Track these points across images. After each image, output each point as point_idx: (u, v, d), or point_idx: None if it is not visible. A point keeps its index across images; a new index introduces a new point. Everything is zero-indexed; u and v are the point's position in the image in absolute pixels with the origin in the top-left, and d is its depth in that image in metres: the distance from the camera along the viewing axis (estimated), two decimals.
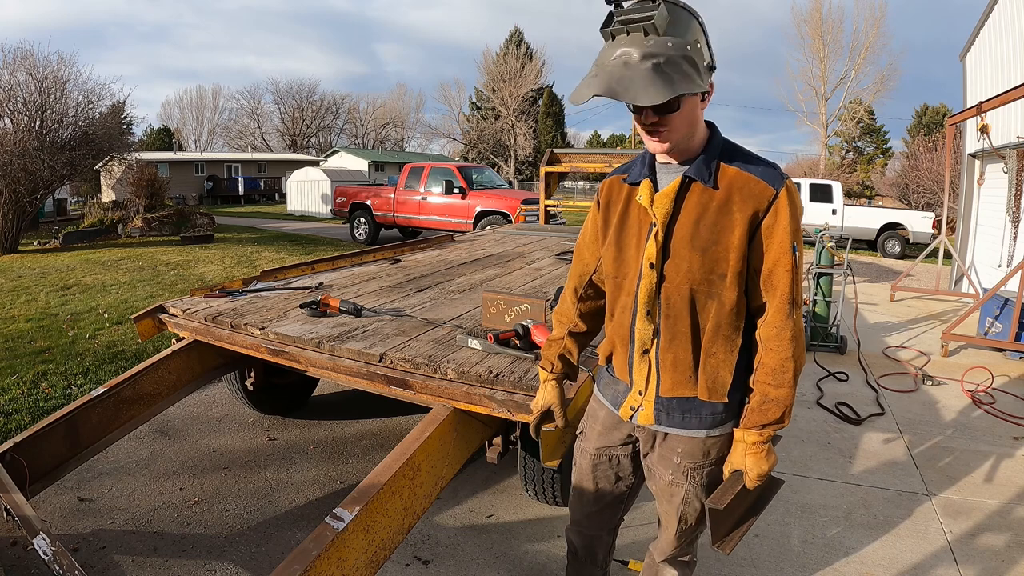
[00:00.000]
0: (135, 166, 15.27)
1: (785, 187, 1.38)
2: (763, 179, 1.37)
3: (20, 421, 3.51)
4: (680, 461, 1.51)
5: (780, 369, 1.41)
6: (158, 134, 47.35)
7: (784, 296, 1.39)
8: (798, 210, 1.40)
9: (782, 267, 1.38)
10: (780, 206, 1.36)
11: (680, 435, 1.50)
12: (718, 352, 1.43)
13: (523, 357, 2.31)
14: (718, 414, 1.48)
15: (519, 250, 5.35)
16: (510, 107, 40.05)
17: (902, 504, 2.95)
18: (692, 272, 1.39)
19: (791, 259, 1.37)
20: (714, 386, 1.44)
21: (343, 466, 3.22)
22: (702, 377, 1.44)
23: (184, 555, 2.44)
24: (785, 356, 1.40)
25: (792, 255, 1.38)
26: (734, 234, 1.36)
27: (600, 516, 1.76)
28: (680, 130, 1.34)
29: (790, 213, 1.37)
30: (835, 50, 35.24)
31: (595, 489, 1.72)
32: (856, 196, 31.30)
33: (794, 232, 1.38)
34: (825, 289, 5.55)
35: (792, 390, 1.43)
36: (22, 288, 7.41)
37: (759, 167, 1.40)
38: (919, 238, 13.48)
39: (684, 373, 1.45)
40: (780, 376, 1.41)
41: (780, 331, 1.40)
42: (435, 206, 12.52)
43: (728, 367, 1.44)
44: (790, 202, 1.37)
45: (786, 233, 1.37)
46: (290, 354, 2.58)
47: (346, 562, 1.65)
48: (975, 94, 8.31)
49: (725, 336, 1.42)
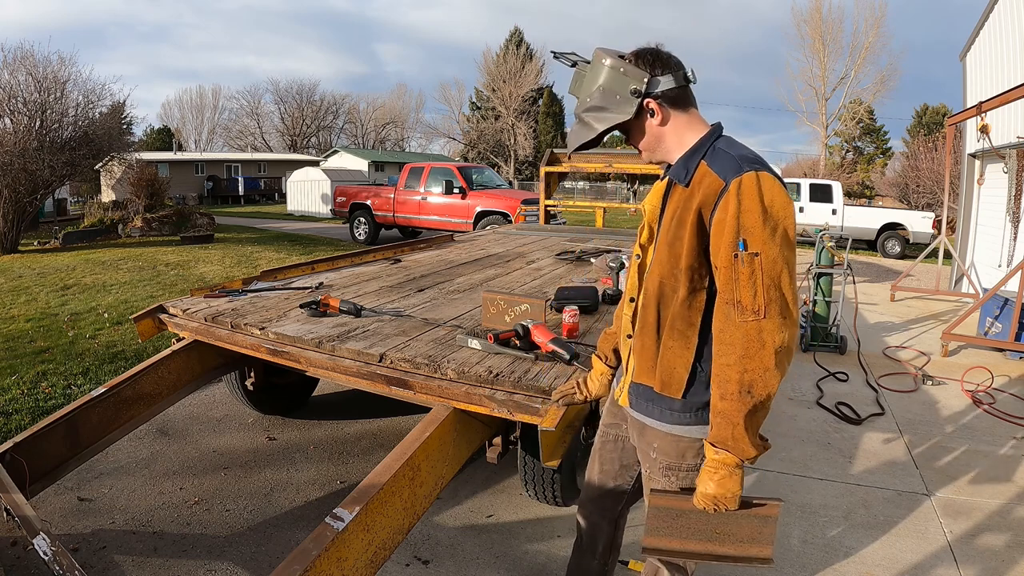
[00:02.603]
0: (135, 166, 15.27)
1: (739, 180, 1.32)
2: (717, 172, 1.36)
3: (20, 421, 3.51)
4: (656, 456, 1.54)
5: (721, 377, 1.34)
6: (158, 134, 47.34)
7: (723, 296, 1.34)
8: (755, 203, 1.30)
9: (723, 264, 1.33)
10: (728, 199, 1.32)
11: (654, 428, 1.53)
12: (674, 346, 1.44)
13: (523, 357, 2.30)
14: (675, 411, 1.47)
15: (519, 250, 5.35)
16: (510, 107, 40.06)
17: (902, 504, 2.95)
18: (662, 265, 1.44)
19: (731, 256, 1.31)
20: (668, 380, 1.46)
21: (343, 466, 3.22)
22: (659, 368, 1.47)
23: (184, 555, 2.44)
24: (724, 362, 1.33)
25: (734, 252, 1.31)
26: (686, 228, 1.38)
27: (602, 501, 1.80)
28: (647, 146, 1.50)
29: (738, 207, 1.30)
30: (835, 50, 35.28)
31: (599, 470, 1.78)
32: (856, 196, 31.29)
33: (745, 227, 1.30)
34: (825, 289, 5.55)
35: (738, 405, 1.31)
36: (22, 288, 7.41)
37: (724, 161, 1.37)
38: (919, 238, 13.48)
39: (648, 361, 1.50)
40: (722, 385, 1.34)
41: (720, 333, 1.35)
42: (435, 206, 12.52)
43: (683, 363, 1.43)
44: (741, 195, 1.31)
45: (731, 229, 1.31)
46: (290, 354, 2.58)
47: (346, 562, 1.65)
48: (975, 94, 8.31)
49: (679, 331, 1.43)
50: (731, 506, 1.37)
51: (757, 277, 1.29)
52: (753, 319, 1.30)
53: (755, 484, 3.12)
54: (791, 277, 1.32)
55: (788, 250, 1.32)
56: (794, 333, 1.33)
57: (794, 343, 1.33)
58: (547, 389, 2.06)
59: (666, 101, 1.44)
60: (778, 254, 1.30)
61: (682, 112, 1.46)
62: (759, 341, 1.30)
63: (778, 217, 1.31)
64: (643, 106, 1.44)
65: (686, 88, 1.46)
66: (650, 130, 1.47)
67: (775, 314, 1.30)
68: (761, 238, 1.29)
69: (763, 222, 1.30)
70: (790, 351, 1.32)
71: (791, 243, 1.33)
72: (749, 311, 1.30)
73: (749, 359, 1.30)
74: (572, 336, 2.57)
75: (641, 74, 1.42)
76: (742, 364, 1.30)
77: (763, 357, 1.30)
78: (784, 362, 1.31)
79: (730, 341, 1.32)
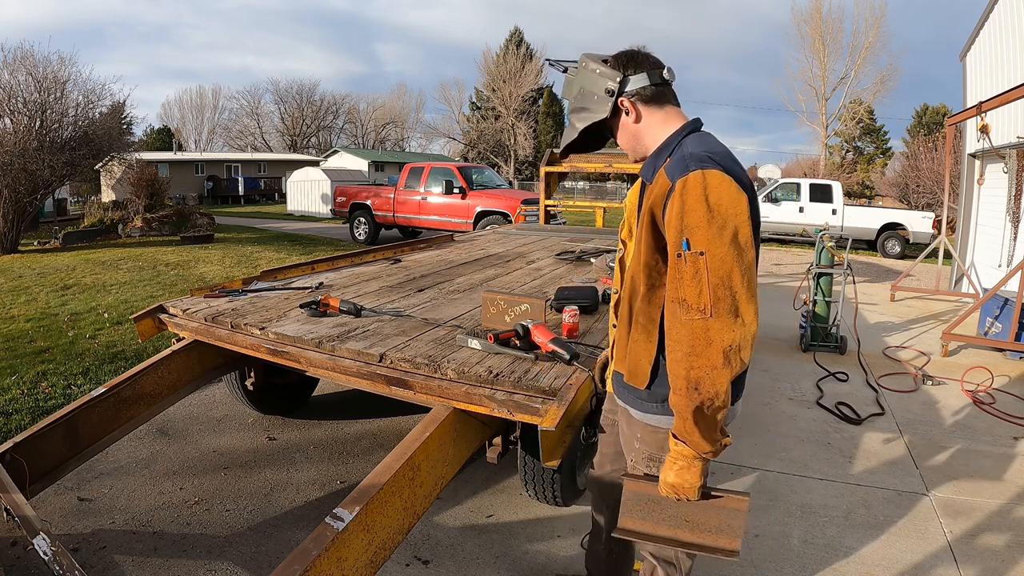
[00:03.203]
0: (135, 166, 15.27)
1: (684, 179, 1.32)
2: (667, 172, 1.38)
3: (20, 421, 3.51)
4: (639, 447, 1.61)
5: (671, 372, 1.37)
6: (158, 134, 47.34)
7: (669, 293, 1.36)
8: (699, 202, 1.30)
9: (671, 262, 1.36)
10: (673, 199, 1.34)
11: (636, 418, 1.59)
12: (639, 339, 1.51)
13: (523, 357, 2.30)
14: (643, 400, 1.54)
15: (519, 250, 5.35)
16: (510, 107, 40.05)
17: (902, 504, 2.95)
18: (635, 261, 1.51)
19: (674, 255, 1.33)
20: (634, 371, 1.53)
21: (343, 466, 3.22)
22: (628, 359, 1.55)
23: (184, 555, 2.44)
24: (672, 358, 1.36)
25: (678, 251, 1.32)
26: (644, 227, 1.45)
27: (601, 486, 1.88)
28: (627, 144, 1.58)
29: (682, 206, 1.31)
30: (835, 50, 35.28)
31: (599, 455, 1.91)
32: (856, 196, 31.29)
33: (688, 227, 1.30)
34: (825, 289, 5.55)
35: (686, 401, 1.32)
36: (22, 288, 7.41)
37: (675, 160, 1.39)
38: (919, 238, 13.47)
39: (620, 351, 1.59)
40: (672, 380, 1.36)
41: (669, 329, 1.38)
42: (435, 206, 12.52)
43: (647, 356, 1.49)
44: (684, 194, 1.31)
45: (675, 229, 1.33)
46: (290, 354, 2.57)
47: (346, 562, 1.65)
48: (975, 94, 8.30)
49: (641, 325, 1.49)
50: (691, 496, 1.42)
51: (702, 276, 1.29)
52: (699, 317, 1.30)
53: (755, 484, 3.12)
54: (745, 277, 1.30)
55: (739, 249, 1.30)
56: (746, 333, 1.30)
57: (748, 343, 1.31)
58: (547, 389, 2.06)
59: (640, 99, 1.49)
60: (727, 253, 1.28)
61: (657, 109, 1.50)
62: (705, 340, 1.29)
63: (726, 216, 1.30)
64: (618, 105, 1.51)
65: (662, 87, 1.50)
66: (626, 128, 1.54)
67: (724, 313, 1.29)
68: (706, 237, 1.29)
69: (708, 221, 1.29)
70: (743, 350, 1.30)
71: (745, 243, 1.31)
72: (695, 309, 1.30)
73: (695, 356, 1.31)
74: (572, 336, 2.57)
75: (615, 74, 1.49)
76: (688, 361, 1.31)
77: (710, 355, 1.29)
78: (734, 361, 1.30)
79: (677, 338, 1.34)
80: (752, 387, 4.54)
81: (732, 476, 3.19)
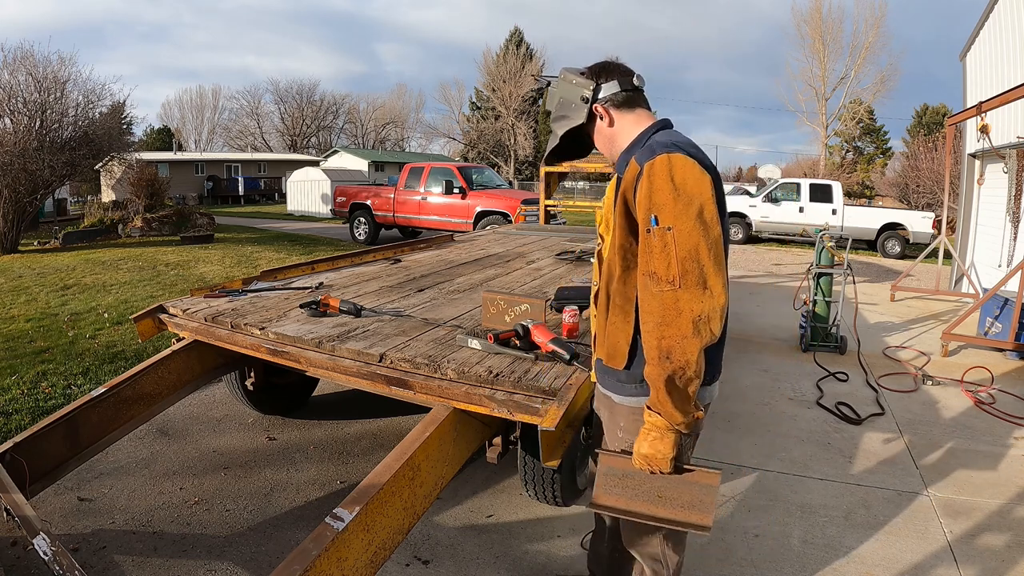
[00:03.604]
0: (135, 166, 15.27)
1: (651, 163, 1.43)
2: (637, 160, 1.49)
3: (20, 421, 3.51)
4: (622, 435, 1.64)
5: (645, 344, 1.45)
6: (158, 134, 47.32)
7: (640, 268, 1.45)
8: (665, 182, 1.40)
9: (641, 238, 1.45)
10: (642, 180, 1.44)
11: (617, 403, 1.63)
12: (616, 321, 1.58)
13: (523, 357, 2.30)
14: (622, 383, 1.61)
15: (519, 250, 5.35)
16: (510, 107, 40.04)
17: (902, 504, 2.95)
18: (610, 249, 1.59)
19: (644, 231, 1.43)
20: (613, 352, 1.59)
21: (343, 466, 3.22)
22: (606, 342, 1.62)
23: (184, 555, 2.44)
24: (645, 329, 1.44)
25: (647, 227, 1.42)
26: (617, 212, 1.55)
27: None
28: (603, 147, 1.69)
29: (650, 186, 1.42)
30: (835, 50, 35.28)
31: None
32: (856, 196, 31.29)
33: (656, 204, 1.40)
34: (825, 289, 5.55)
35: (659, 370, 1.40)
36: (22, 288, 7.41)
37: (644, 149, 1.50)
38: (919, 238, 13.47)
39: (600, 336, 1.66)
40: (646, 351, 1.45)
41: (641, 303, 1.46)
42: (435, 206, 12.52)
43: (625, 336, 1.56)
44: (652, 176, 1.42)
45: (644, 208, 1.43)
46: (290, 354, 2.58)
47: (346, 562, 1.65)
48: (975, 94, 8.30)
49: (618, 306, 1.57)
50: (663, 467, 1.47)
51: (671, 249, 1.38)
52: (669, 289, 1.38)
53: (755, 484, 3.12)
54: (712, 251, 1.39)
55: (705, 224, 1.39)
56: (715, 305, 1.38)
57: (717, 314, 1.39)
58: (547, 389, 2.06)
59: (612, 104, 1.62)
60: (693, 227, 1.38)
61: (628, 112, 1.63)
62: (675, 310, 1.37)
63: (691, 194, 1.39)
64: (593, 111, 1.63)
65: (633, 92, 1.63)
66: (602, 132, 1.66)
67: (692, 284, 1.37)
68: (673, 213, 1.38)
69: (674, 199, 1.39)
70: (712, 320, 1.38)
71: (711, 219, 1.40)
72: (664, 281, 1.38)
73: (666, 326, 1.39)
74: (572, 336, 2.57)
75: (589, 83, 1.62)
76: (659, 331, 1.39)
77: (680, 325, 1.37)
78: (704, 331, 1.38)
79: (649, 310, 1.42)
80: (752, 387, 4.55)
81: (732, 476, 3.19)
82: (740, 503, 2.94)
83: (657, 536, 1.71)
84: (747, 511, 2.87)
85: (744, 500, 2.97)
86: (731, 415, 3.99)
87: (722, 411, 4.03)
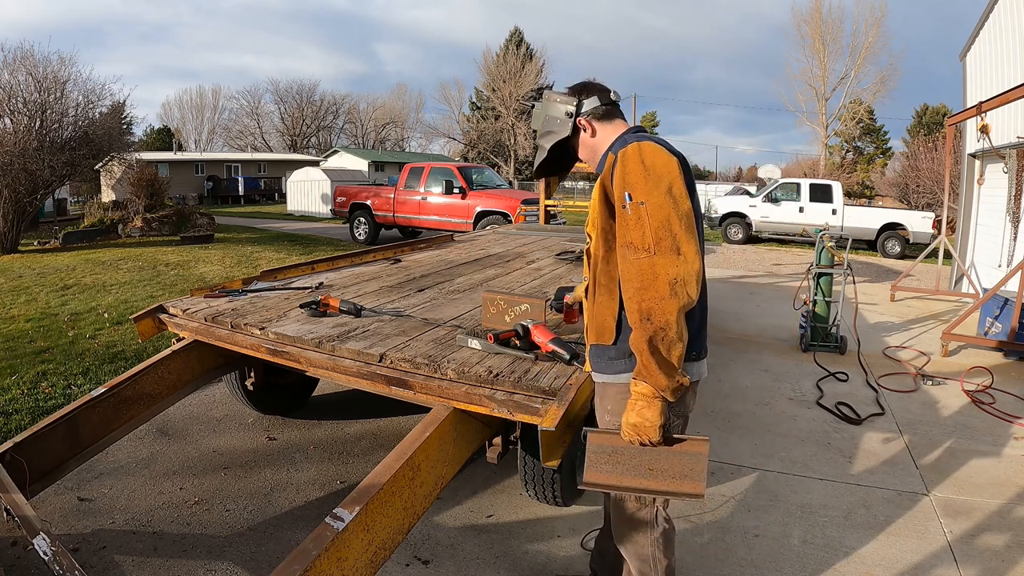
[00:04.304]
0: (135, 166, 15.25)
1: (624, 150, 1.56)
2: (611, 151, 1.65)
3: (20, 421, 3.51)
4: (610, 419, 1.71)
5: (627, 310, 1.54)
6: (158, 134, 47.32)
7: (619, 240, 1.56)
8: (636, 164, 1.53)
9: (618, 215, 1.57)
10: (617, 166, 1.57)
11: (607, 382, 1.71)
12: (602, 300, 1.69)
13: (523, 357, 2.30)
14: (611, 359, 1.69)
15: (519, 250, 5.35)
16: (510, 107, 40.01)
17: (902, 504, 2.95)
18: (593, 237, 1.71)
19: (621, 207, 1.55)
20: (601, 330, 1.69)
21: (343, 466, 3.22)
22: (594, 322, 1.71)
23: (184, 555, 2.44)
24: (626, 296, 1.54)
25: (623, 204, 1.54)
26: (595, 198, 1.69)
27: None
28: (588, 157, 1.84)
29: (623, 169, 1.55)
30: (835, 50, 35.28)
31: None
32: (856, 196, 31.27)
33: (629, 184, 1.53)
34: (825, 289, 5.55)
35: (641, 333, 1.48)
36: (22, 288, 7.41)
37: (618, 143, 1.65)
38: (919, 238, 13.48)
39: (589, 319, 1.75)
40: (629, 317, 1.54)
41: (621, 273, 1.56)
42: (435, 206, 12.52)
43: (611, 313, 1.67)
44: (624, 160, 1.55)
45: (619, 188, 1.55)
46: (290, 354, 2.57)
47: (346, 562, 1.65)
48: (975, 94, 8.30)
49: (603, 285, 1.68)
50: (652, 436, 1.50)
51: (644, 221, 1.49)
52: (646, 256, 1.49)
53: (755, 484, 3.12)
54: (683, 222, 1.50)
55: (675, 199, 1.51)
56: (689, 269, 1.48)
57: (692, 278, 1.48)
58: (547, 389, 2.06)
59: (593, 117, 1.79)
60: (664, 200, 1.50)
61: (608, 123, 1.79)
62: (652, 274, 1.48)
63: (660, 173, 1.53)
64: (577, 124, 1.79)
65: (611, 106, 1.80)
66: (585, 143, 1.82)
67: (666, 251, 1.48)
68: (645, 189, 1.51)
69: (645, 177, 1.52)
70: (688, 283, 1.48)
71: (679, 194, 1.52)
72: (640, 249, 1.49)
73: (645, 290, 1.48)
74: (571, 323, 2.56)
75: (571, 99, 1.79)
76: (639, 295, 1.49)
77: (657, 287, 1.47)
78: (680, 293, 1.47)
79: (628, 277, 1.52)
80: (752, 387, 4.55)
81: (732, 476, 3.19)
82: (740, 503, 2.94)
83: (648, 537, 1.74)
84: (747, 511, 2.87)
85: (744, 500, 2.97)
86: (731, 415, 3.99)
87: (722, 411, 4.04)
